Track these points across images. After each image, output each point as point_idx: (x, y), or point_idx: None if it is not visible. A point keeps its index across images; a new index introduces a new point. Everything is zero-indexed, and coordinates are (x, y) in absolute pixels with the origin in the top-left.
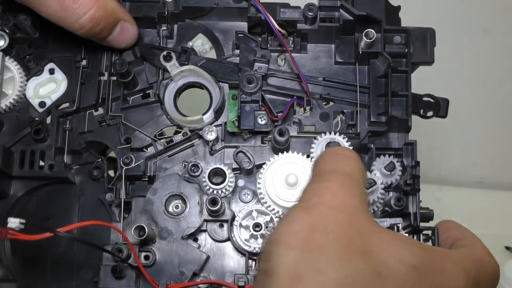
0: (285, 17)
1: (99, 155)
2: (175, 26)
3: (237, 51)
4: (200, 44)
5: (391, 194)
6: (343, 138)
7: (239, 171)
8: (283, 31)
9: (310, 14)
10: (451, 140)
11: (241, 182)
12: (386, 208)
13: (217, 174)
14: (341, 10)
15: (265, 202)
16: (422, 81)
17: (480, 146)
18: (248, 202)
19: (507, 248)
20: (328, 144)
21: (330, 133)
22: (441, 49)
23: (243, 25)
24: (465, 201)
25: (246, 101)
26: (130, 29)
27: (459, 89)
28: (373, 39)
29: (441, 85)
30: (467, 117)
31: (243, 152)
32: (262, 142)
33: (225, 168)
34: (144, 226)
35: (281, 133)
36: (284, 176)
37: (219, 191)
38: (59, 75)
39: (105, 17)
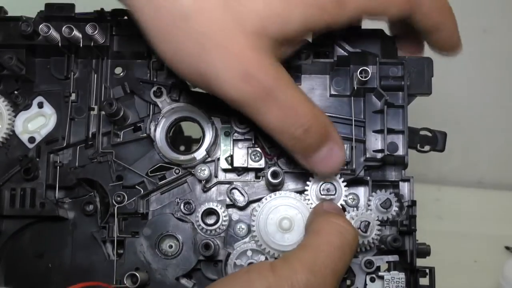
0: None
1: (91, 189)
2: None
3: None
4: None
5: (387, 229)
6: (339, 177)
7: (233, 206)
8: None
9: (303, 51)
10: (451, 140)
11: (235, 216)
12: (382, 246)
13: (211, 214)
14: (335, 45)
15: (260, 245)
16: None
17: (480, 146)
18: (243, 237)
19: (507, 248)
20: (323, 188)
21: None
22: None
23: None
24: (465, 201)
25: (239, 139)
26: (338, 153)
27: (459, 89)
28: (368, 78)
29: (441, 85)
30: (466, 117)
31: (237, 189)
32: (256, 177)
33: (218, 208)
34: (136, 274)
35: (274, 175)
36: (278, 220)
37: (213, 231)
38: (48, 109)
39: (318, 131)
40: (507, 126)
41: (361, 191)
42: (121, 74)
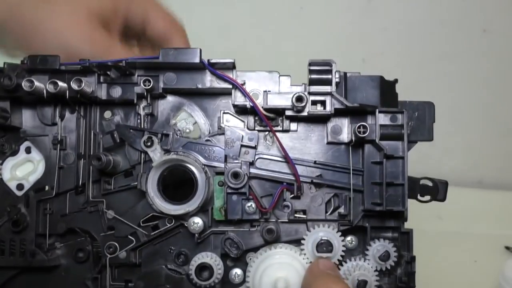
0: (273, 105)
1: (83, 234)
2: (156, 103)
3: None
4: (184, 122)
5: (385, 277)
6: (336, 231)
7: (229, 256)
8: (270, 115)
9: (299, 104)
10: (451, 140)
11: (230, 263)
12: None
13: (204, 268)
14: (332, 98)
15: None
16: (422, 81)
17: (480, 146)
18: (238, 284)
19: (507, 248)
20: (319, 245)
21: (322, 224)
22: (441, 49)
23: (229, 103)
24: (465, 201)
25: (232, 192)
26: None
27: (459, 89)
28: (367, 133)
29: (441, 85)
30: (467, 117)
31: (231, 239)
32: (252, 226)
33: (212, 261)
34: None
35: (269, 232)
36: (273, 280)
37: (207, 285)
38: (36, 155)
39: None
40: (507, 126)
41: (360, 235)
42: (110, 119)
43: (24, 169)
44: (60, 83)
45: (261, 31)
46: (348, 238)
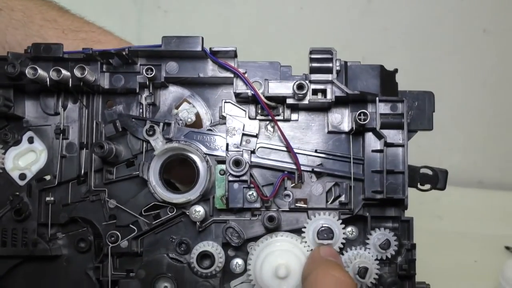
0: (274, 93)
1: (84, 224)
2: (158, 93)
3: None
4: (186, 112)
5: (386, 266)
6: (337, 219)
7: (230, 245)
8: (271, 104)
9: (300, 92)
10: (451, 140)
11: (232, 252)
12: (381, 287)
13: (206, 257)
14: (333, 86)
15: None
16: (422, 81)
17: (480, 146)
18: (240, 274)
19: (507, 248)
20: (320, 232)
21: (323, 213)
22: (441, 49)
23: (230, 93)
24: (465, 201)
25: (234, 180)
26: None
27: (459, 89)
28: (367, 120)
29: (441, 85)
30: (467, 117)
31: (233, 228)
32: (253, 215)
33: (213, 250)
34: None
35: (271, 219)
36: (274, 267)
37: (209, 273)
38: (39, 144)
39: None
40: (507, 126)
41: (361, 225)
42: (113, 109)
43: (27, 158)
44: (63, 71)
45: (261, 31)
46: (349, 228)
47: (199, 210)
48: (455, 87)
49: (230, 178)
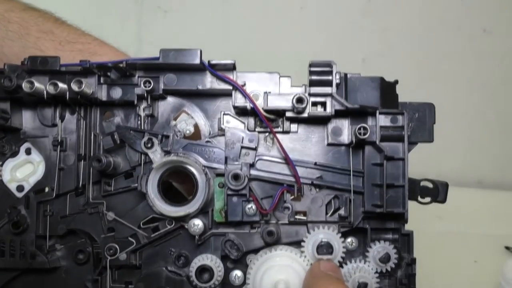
0: (273, 106)
1: (83, 235)
2: (157, 104)
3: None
4: (184, 123)
5: (385, 279)
6: (336, 233)
7: (229, 258)
8: (270, 117)
9: (299, 106)
10: (451, 140)
11: (231, 264)
12: None
13: (205, 270)
14: (333, 100)
15: None
16: (422, 81)
17: (480, 146)
18: (239, 285)
19: (507, 248)
20: (320, 247)
21: (322, 226)
22: (441, 49)
23: (229, 104)
24: (465, 201)
25: (233, 194)
26: None
27: (459, 89)
28: (367, 134)
29: (441, 85)
30: (467, 117)
31: (232, 241)
32: (252, 228)
33: (212, 263)
34: None
35: (270, 234)
36: (274, 282)
37: (208, 287)
38: (36, 156)
39: None
40: (507, 126)
41: (360, 235)
42: (111, 120)
43: (24, 170)
44: (61, 84)
45: (261, 31)
46: (349, 239)
47: (197, 224)
48: (455, 87)
49: (229, 192)
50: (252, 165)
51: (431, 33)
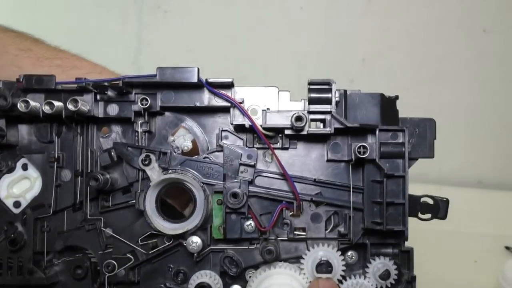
0: (272, 124)
1: (81, 250)
2: (154, 120)
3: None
4: (182, 139)
5: None
6: (336, 250)
7: (228, 274)
8: (269, 134)
9: (299, 124)
10: (451, 140)
11: (230, 280)
12: None
13: None
14: (332, 119)
15: None
16: (422, 81)
17: (480, 146)
18: None
19: (507, 248)
20: (319, 266)
21: (321, 243)
22: (441, 49)
23: (227, 120)
24: (465, 201)
25: (231, 212)
26: None
27: (459, 89)
28: (367, 153)
29: (441, 85)
30: (467, 117)
31: (231, 257)
32: (251, 244)
33: (210, 281)
34: None
35: (269, 252)
36: None
37: None
38: (33, 172)
39: None
40: (507, 126)
41: (360, 250)
42: (108, 135)
43: (21, 186)
44: (56, 103)
45: (261, 31)
46: (348, 253)
47: (196, 241)
48: (455, 87)
49: (228, 210)
50: (250, 182)
51: (431, 33)
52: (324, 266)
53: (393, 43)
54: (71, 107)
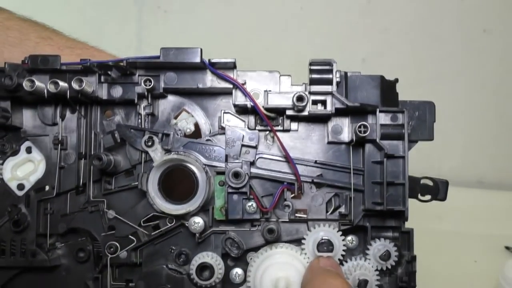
0: (273, 105)
1: (84, 233)
2: (157, 103)
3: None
4: (184, 122)
5: (386, 276)
6: (337, 231)
7: (229, 255)
8: (271, 115)
9: (300, 104)
10: (451, 140)
11: (231, 262)
12: None
13: (205, 268)
14: (333, 98)
15: None
16: (422, 81)
17: (480, 146)
18: (239, 284)
19: (507, 248)
20: (320, 245)
21: (322, 224)
22: (441, 49)
23: (229, 103)
24: (465, 201)
25: (233, 192)
26: None
27: (459, 89)
28: (367, 132)
29: (441, 85)
30: (467, 117)
31: (232, 239)
32: (252, 225)
33: (212, 261)
34: None
35: (270, 231)
36: (274, 280)
37: (208, 285)
38: (37, 154)
39: None
40: (507, 126)
41: (361, 234)
42: (111, 118)
43: (25, 169)
44: (61, 83)
45: (261, 31)
46: (349, 237)
47: (198, 222)
48: (455, 87)
49: (230, 190)
50: (252, 163)
51: (431, 33)
52: (325, 245)
53: (393, 43)
54: (75, 86)
